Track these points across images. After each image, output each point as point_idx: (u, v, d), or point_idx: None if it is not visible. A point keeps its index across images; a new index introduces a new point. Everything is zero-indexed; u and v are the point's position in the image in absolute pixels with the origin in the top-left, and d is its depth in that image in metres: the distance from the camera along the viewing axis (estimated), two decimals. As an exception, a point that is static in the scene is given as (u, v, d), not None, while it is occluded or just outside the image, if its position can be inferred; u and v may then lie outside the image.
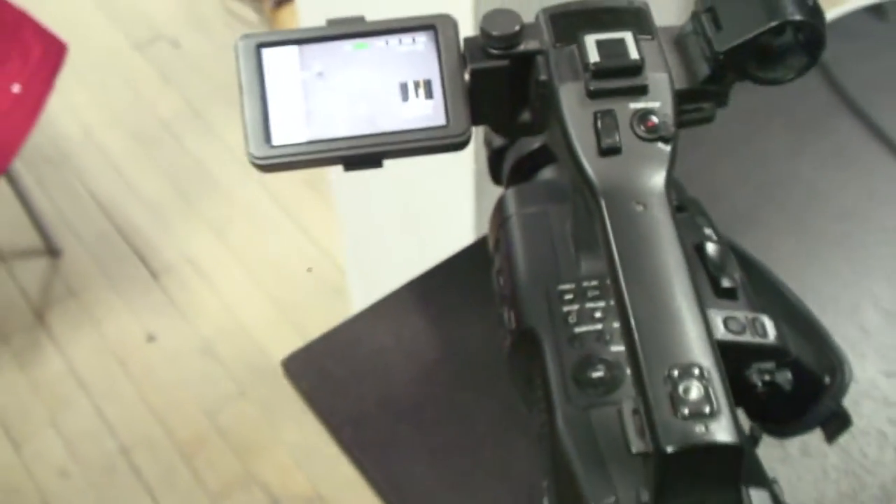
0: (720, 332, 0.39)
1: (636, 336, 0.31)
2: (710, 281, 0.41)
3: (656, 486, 0.30)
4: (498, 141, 0.50)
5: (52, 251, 1.64)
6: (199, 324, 1.57)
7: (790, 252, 0.43)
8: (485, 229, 0.49)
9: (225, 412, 1.46)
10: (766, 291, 0.43)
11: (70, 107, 1.87)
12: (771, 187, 0.57)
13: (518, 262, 0.44)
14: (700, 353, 0.31)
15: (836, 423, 0.42)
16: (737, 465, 0.30)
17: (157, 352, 1.53)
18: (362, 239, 1.29)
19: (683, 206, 0.45)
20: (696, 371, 0.30)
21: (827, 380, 0.42)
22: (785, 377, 0.39)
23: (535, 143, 0.49)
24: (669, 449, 0.29)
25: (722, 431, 0.29)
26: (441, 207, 0.61)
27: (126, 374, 1.50)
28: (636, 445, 0.32)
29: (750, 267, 0.44)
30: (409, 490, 0.46)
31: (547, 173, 0.48)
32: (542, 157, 0.49)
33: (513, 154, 0.50)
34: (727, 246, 0.43)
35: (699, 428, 0.29)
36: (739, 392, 0.36)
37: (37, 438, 1.44)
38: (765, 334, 0.39)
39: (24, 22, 1.22)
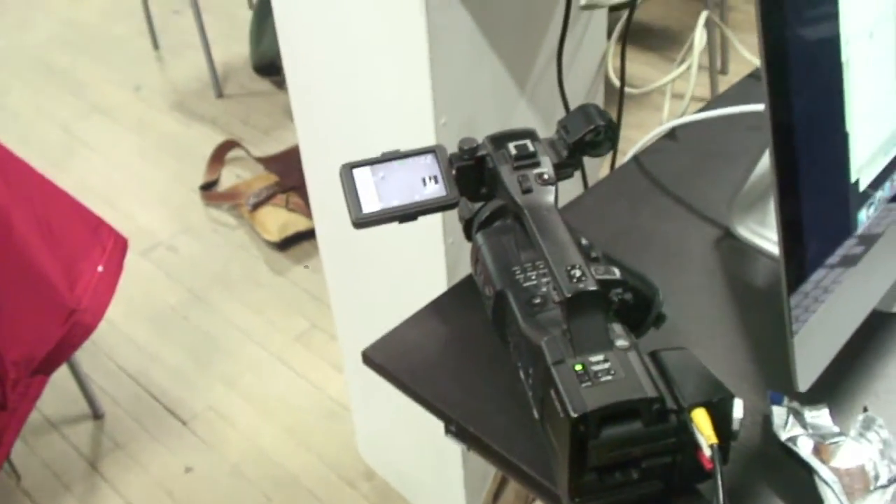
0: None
1: (550, 258, 0.66)
2: (584, 255, 0.76)
3: (566, 318, 0.64)
4: (467, 214, 0.86)
5: (96, 416, 1.89)
6: (227, 453, 1.81)
7: (631, 262, 0.78)
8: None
9: (258, 516, 1.70)
10: (614, 263, 0.79)
11: (94, 305, 2.17)
12: (621, 233, 0.93)
13: (489, 263, 0.78)
14: (577, 259, 0.66)
15: (659, 321, 0.77)
16: (600, 302, 0.64)
17: (196, 480, 1.76)
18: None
19: (571, 229, 0.81)
20: (578, 265, 0.65)
21: (653, 301, 0.77)
22: (629, 295, 0.74)
23: (486, 213, 0.85)
24: (569, 294, 0.63)
25: (591, 286, 0.64)
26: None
27: (173, 500, 1.72)
28: (557, 298, 0.66)
29: (604, 255, 0.80)
30: (449, 401, 0.78)
31: (495, 225, 0.85)
32: (492, 220, 0.85)
33: (476, 221, 0.86)
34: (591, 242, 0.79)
35: (581, 285, 0.64)
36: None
37: (109, 556, 1.65)
38: (614, 275, 0.74)
39: (100, 222, 1.57)
